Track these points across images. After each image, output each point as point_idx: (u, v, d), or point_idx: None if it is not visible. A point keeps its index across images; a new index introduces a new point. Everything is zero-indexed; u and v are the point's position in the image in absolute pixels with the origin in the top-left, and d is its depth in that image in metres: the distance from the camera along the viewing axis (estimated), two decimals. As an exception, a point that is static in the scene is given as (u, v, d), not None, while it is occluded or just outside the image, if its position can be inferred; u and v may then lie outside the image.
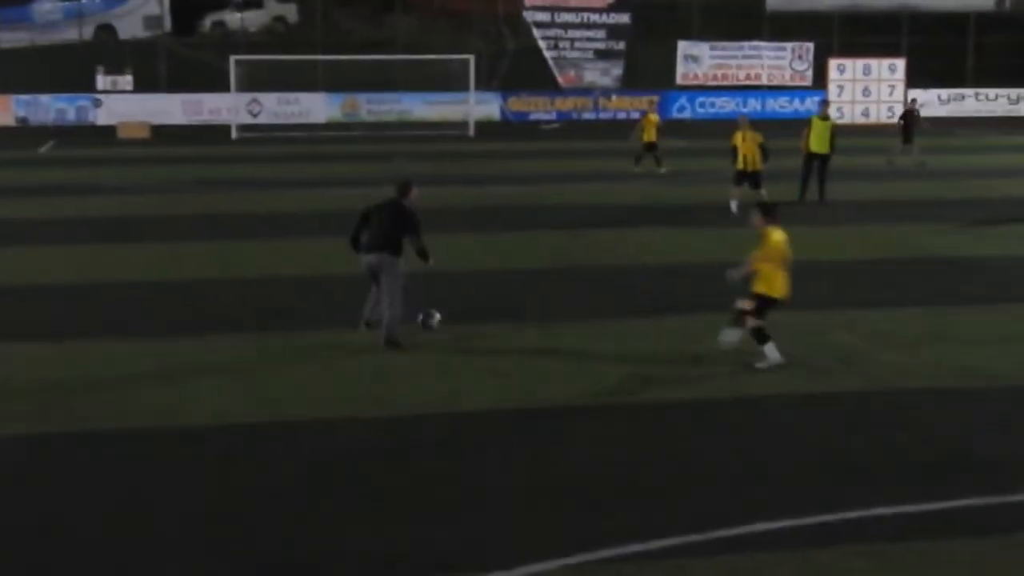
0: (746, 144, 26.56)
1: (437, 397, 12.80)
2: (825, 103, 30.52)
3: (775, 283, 13.87)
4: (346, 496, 10.09)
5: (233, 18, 56.39)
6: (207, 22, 57.36)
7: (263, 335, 15.50)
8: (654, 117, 35.31)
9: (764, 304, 13.94)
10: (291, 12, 58.70)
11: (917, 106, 38.91)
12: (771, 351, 13.94)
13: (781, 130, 38.34)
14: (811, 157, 28.30)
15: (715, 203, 27.22)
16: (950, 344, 15.04)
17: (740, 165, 26.55)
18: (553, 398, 12.75)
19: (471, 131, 48.17)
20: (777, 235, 13.96)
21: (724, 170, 28.59)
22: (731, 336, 14.15)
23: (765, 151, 26.52)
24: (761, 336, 13.95)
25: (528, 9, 53.87)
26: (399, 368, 13.94)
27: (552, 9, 53.93)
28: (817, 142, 28.27)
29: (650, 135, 34.67)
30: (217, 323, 16.18)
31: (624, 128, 50.90)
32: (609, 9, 54.22)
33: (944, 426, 11.90)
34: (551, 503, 9.89)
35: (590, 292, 18.25)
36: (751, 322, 13.93)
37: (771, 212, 14.17)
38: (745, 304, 13.94)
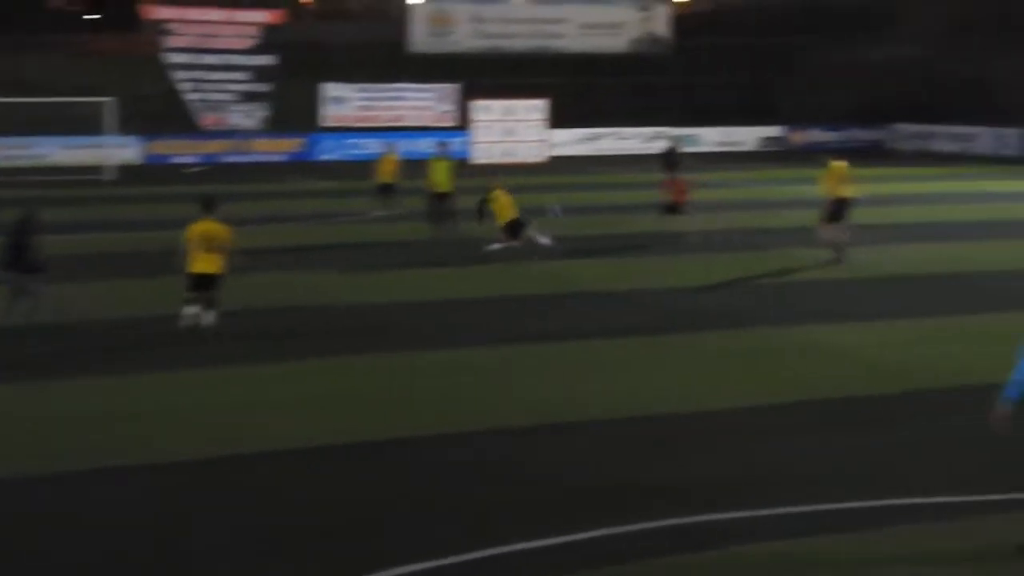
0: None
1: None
2: (443, 144, 32.54)
3: (196, 262, 18.58)
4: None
5: None
6: None
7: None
8: (393, 156, 35.57)
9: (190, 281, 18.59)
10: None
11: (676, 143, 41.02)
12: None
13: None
14: (434, 196, 30.40)
15: (383, 242, 28.78)
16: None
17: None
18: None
19: (111, 175, 48.10)
20: (198, 226, 18.72)
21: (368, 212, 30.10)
22: (190, 311, 18.51)
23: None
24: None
25: (170, 50, 54.29)
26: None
27: (195, 51, 54.55)
28: (439, 181, 30.51)
29: (387, 176, 34.94)
30: None
31: (270, 171, 52.01)
32: (253, 51, 55.25)
33: (602, 455, 13.09)
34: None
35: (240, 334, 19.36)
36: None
37: (209, 205, 18.91)
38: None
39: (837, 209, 26.93)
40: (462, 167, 49.45)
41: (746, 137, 62.31)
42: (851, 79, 62.44)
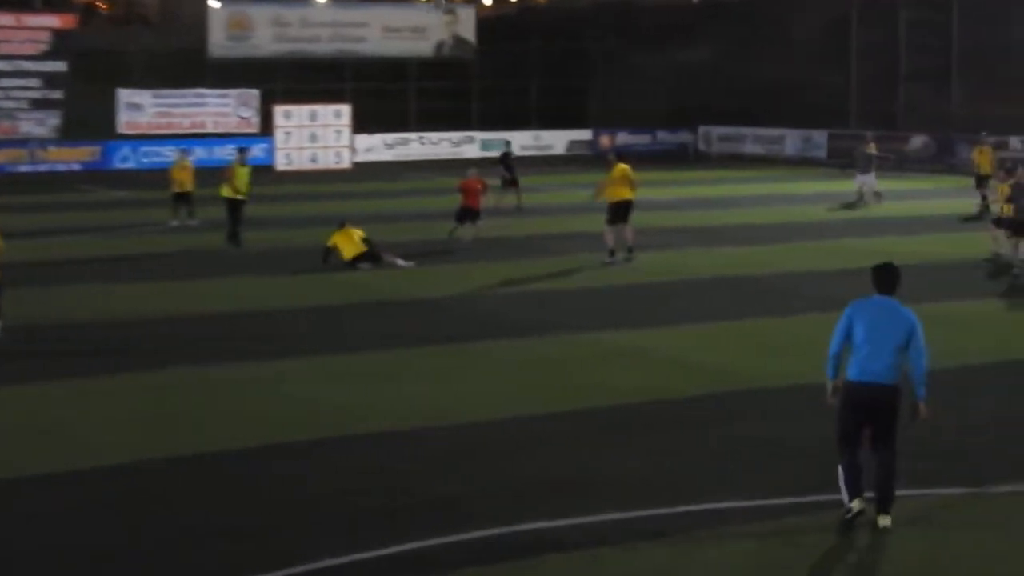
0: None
1: None
2: (243, 150, 32.24)
3: None
4: None
5: None
6: None
7: None
8: (186, 163, 34.61)
9: None
10: None
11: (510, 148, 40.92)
12: None
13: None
14: (232, 203, 30.19)
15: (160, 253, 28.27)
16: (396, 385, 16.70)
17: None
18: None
19: None
20: None
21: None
22: None
23: None
24: None
25: (-48, 56, 52.54)
26: None
27: (-20, 56, 52.88)
28: (238, 188, 30.27)
29: (182, 185, 33.80)
30: None
31: (64, 181, 50.72)
32: (44, 56, 53.72)
33: (390, 468, 12.87)
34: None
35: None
36: None
37: None
38: None
39: (619, 211, 27.37)
40: (267, 174, 49.26)
41: (555, 141, 62.81)
42: (659, 83, 63.40)
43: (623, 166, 27.88)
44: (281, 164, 55.84)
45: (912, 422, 11.10)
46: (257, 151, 54.86)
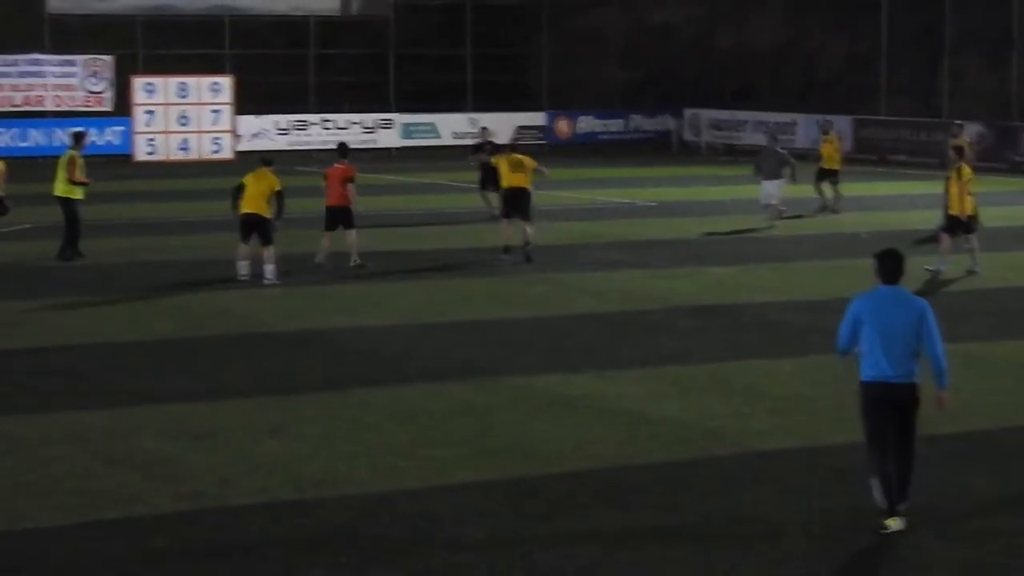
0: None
1: None
2: (81, 135, 31.44)
3: None
4: None
5: None
6: None
7: None
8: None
9: None
10: None
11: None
12: None
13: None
14: (69, 204, 29.61)
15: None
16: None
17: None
18: None
19: None
20: None
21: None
22: None
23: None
24: None
25: None
26: None
27: None
28: (64, 184, 29.75)
29: None
30: None
31: None
32: None
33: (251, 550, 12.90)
34: None
35: None
36: None
37: None
38: None
39: (513, 201, 29.54)
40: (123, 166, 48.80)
41: (496, 125, 62.38)
42: (630, 52, 63.27)
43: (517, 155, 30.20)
44: (142, 153, 55.24)
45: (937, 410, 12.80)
46: (110, 135, 54.54)
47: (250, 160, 54.51)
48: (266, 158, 28.52)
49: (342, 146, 30.63)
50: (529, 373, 19.62)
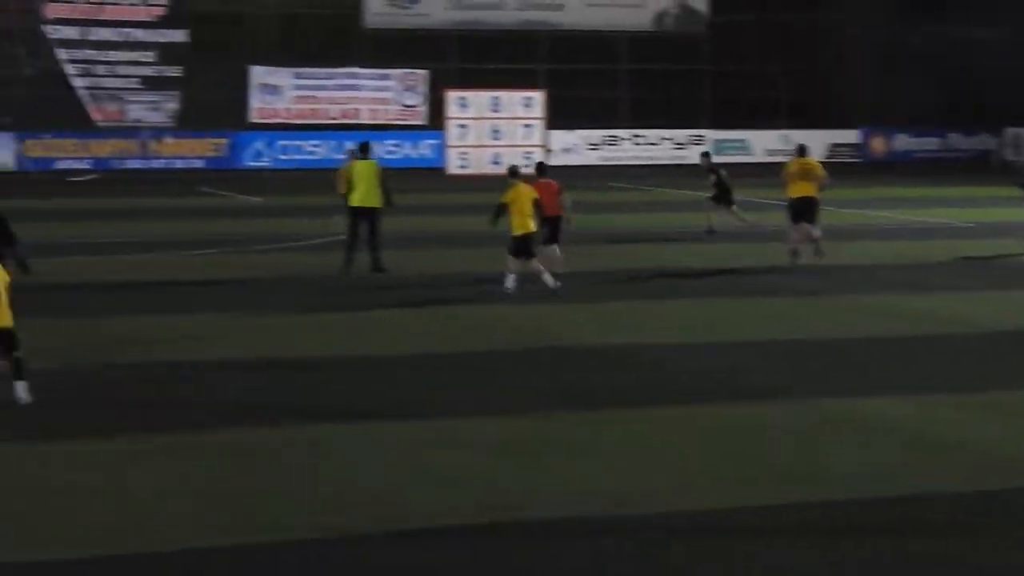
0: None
1: None
2: (364, 145, 30.85)
3: None
4: None
5: None
6: None
7: None
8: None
9: None
10: None
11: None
12: None
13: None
14: (355, 213, 29.35)
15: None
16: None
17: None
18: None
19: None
20: None
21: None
22: None
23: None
24: None
25: (51, 23, 53.82)
26: None
27: (83, 23, 54.03)
28: (361, 193, 29.33)
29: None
30: None
31: (180, 180, 51.55)
32: (160, 24, 54.70)
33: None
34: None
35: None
36: None
37: None
38: None
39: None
40: (436, 179, 49.37)
41: (809, 143, 61.61)
42: (948, 68, 61.90)
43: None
44: (454, 166, 55.93)
45: None
46: (423, 149, 55.32)
47: (560, 174, 54.93)
48: (513, 168, 28.20)
49: (541, 165, 30.67)
50: (827, 395, 19.14)
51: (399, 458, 15.79)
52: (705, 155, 39.72)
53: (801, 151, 32.57)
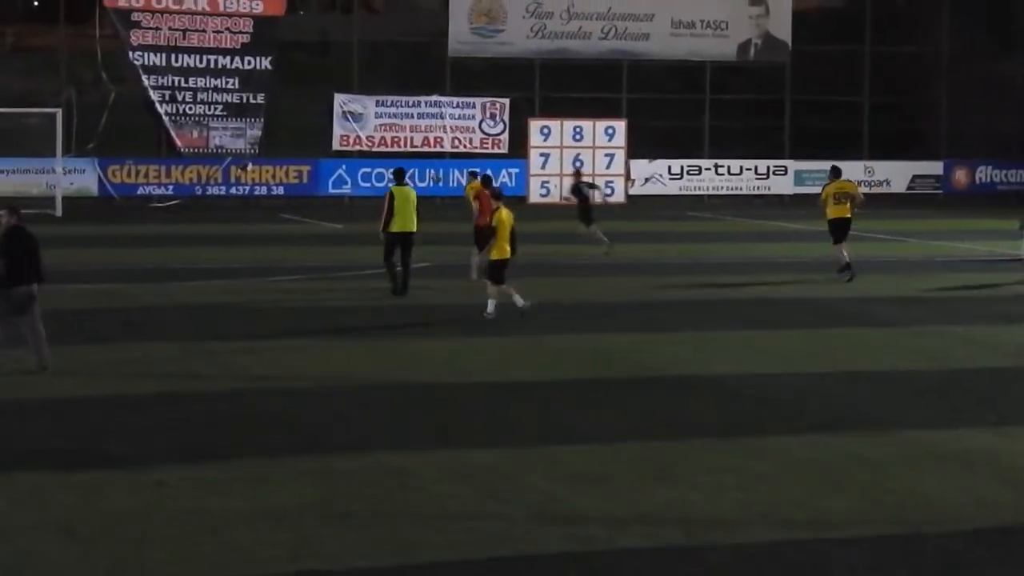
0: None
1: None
2: (399, 171, 31.31)
3: None
4: None
5: None
6: None
7: None
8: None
9: None
10: None
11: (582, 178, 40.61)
12: None
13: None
14: (397, 238, 29.69)
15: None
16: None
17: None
18: None
19: (58, 210, 48.03)
20: None
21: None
22: None
23: None
24: None
25: (135, 49, 54.22)
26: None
27: (168, 49, 54.39)
28: (403, 219, 29.72)
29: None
30: None
31: (263, 208, 51.82)
32: (244, 51, 54.98)
33: None
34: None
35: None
36: None
37: None
38: None
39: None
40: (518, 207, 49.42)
41: (892, 175, 61.54)
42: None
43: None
44: (536, 195, 56.00)
45: None
46: (505, 177, 55.32)
47: (641, 203, 55.02)
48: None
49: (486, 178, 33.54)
50: (922, 427, 19.06)
51: (488, 484, 15.89)
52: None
53: (836, 173, 34.94)
